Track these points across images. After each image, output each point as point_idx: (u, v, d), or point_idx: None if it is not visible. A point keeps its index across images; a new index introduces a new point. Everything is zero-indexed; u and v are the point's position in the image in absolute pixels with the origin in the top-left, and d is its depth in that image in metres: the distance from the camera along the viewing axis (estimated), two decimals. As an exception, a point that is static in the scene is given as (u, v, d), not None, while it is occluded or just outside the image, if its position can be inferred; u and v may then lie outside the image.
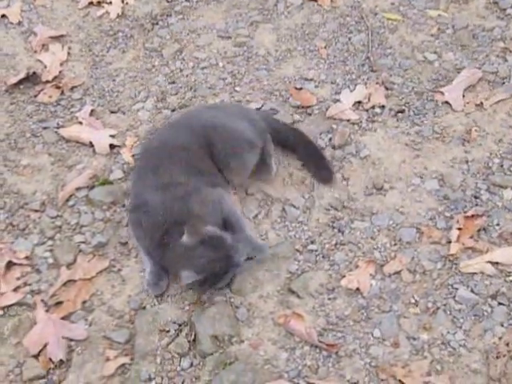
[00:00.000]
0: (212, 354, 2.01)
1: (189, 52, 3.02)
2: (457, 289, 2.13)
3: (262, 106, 2.74)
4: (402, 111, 2.70)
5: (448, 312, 2.08)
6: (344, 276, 2.19)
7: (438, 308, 2.10)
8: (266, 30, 3.09)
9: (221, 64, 2.95)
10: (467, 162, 2.50)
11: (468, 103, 2.71)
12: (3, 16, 3.21)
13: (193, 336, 2.05)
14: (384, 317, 2.09)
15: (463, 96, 2.72)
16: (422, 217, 2.35)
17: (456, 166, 2.49)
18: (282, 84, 2.85)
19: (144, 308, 2.14)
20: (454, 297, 2.12)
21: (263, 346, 2.04)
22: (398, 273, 2.20)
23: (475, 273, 2.17)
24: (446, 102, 2.71)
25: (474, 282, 2.15)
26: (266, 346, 2.04)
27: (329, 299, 2.14)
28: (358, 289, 2.16)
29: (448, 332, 2.04)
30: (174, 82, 2.88)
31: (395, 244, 2.28)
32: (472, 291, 2.12)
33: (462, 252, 2.22)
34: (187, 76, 2.91)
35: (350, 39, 3.02)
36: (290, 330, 2.06)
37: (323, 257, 2.26)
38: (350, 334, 2.06)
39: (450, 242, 2.25)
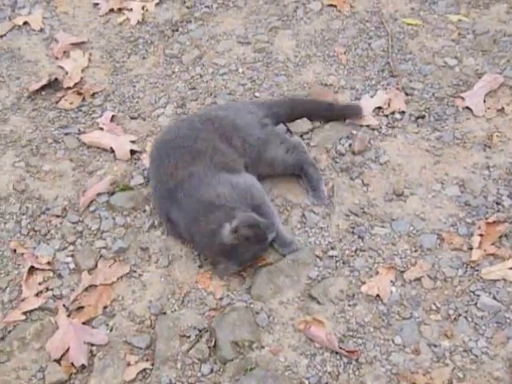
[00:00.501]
0: (232, 360, 2.02)
1: (208, 58, 3.03)
2: (479, 296, 2.12)
3: (282, 111, 2.74)
4: (423, 117, 2.69)
5: (470, 319, 2.07)
6: (364, 282, 2.19)
7: (459, 315, 2.08)
8: (286, 36, 3.10)
9: (240, 70, 2.96)
10: (488, 167, 2.48)
11: (489, 108, 2.69)
12: (25, 23, 3.26)
13: (213, 342, 2.06)
14: (405, 323, 2.08)
15: (484, 101, 2.71)
16: (442, 223, 2.33)
17: (477, 171, 2.47)
18: (301, 90, 2.85)
19: (164, 313, 2.15)
20: (476, 304, 2.10)
21: (283, 352, 2.03)
22: (418, 279, 2.18)
23: (497, 279, 2.15)
24: (467, 108, 2.70)
25: (496, 289, 2.13)
26: (287, 352, 2.04)
27: (349, 305, 2.14)
28: (378, 295, 2.15)
29: (470, 339, 2.02)
30: (193, 88, 2.89)
31: (416, 250, 2.27)
32: (494, 298, 2.11)
33: (483, 258, 2.21)
34: (207, 82, 2.92)
35: (369, 45, 3.01)
36: (311, 336, 2.06)
37: (343, 263, 2.25)
38: (371, 340, 2.05)
39: (471, 248, 2.24)
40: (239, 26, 3.18)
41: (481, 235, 2.25)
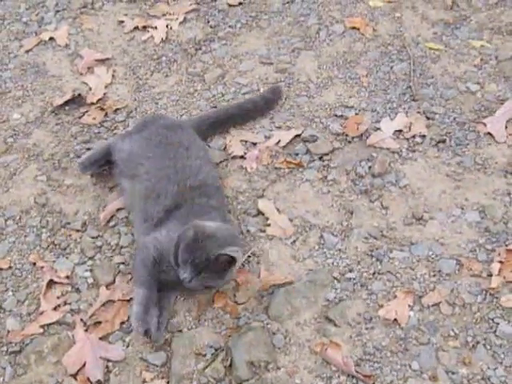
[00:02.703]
0: (248, 380, 2.01)
1: (231, 77, 3.05)
2: (498, 323, 2.10)
3: (302, 132, 2.75)
4: (443, 141, 2.69)
5: (488, 347, 2.05)
6: (382, 306, 2.18)
7: (477, 342, 2.06)
8: (308, 57, 3.12)
9: (262, 90, 2.97)
10: (509, 194, 2.47)
11: (510, 135, 2.68)
12: (51, 39, 3.30)
13: (229, 361, 2.05)
14: (422, 349, 2.06)
15: (506, 127, 2.70)
16: (462, 248, 2.32)
17: (498, 198, 2.46)
18: (322, 111, 2.86)
19: (181, 331, 2.15)
20: (495, 331, 2.08)
21: (299, 373, 2.03)
22: (436, 305, 2.17)
23: (517, 307, 2.14)
24: (489, 133, 2.69)
25: (515, 317, 2.12)
26: (303, 374, 2.03)
27: (366, 329, 2.13)
28: (395, 319, 2.14)
29: (488, 367, 2.00)
30: (215, 107, 2.91)
31: (434, 275, 2.25)
32: (513, 326, 2.09)
33: (503, 286, 2.19)
34: (228, 101, 2.94)
35: (391, 68, 3.03)
36: (327, 359, 2.05)
37: (361, 285, 2.24)
38: (387, 365, 2.03)
39: (490, 275, 2.22)
40: (262, 46, 3.20)
41: (501, 262, 2.24)
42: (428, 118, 2.78)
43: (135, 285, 2.19)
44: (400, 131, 2.74)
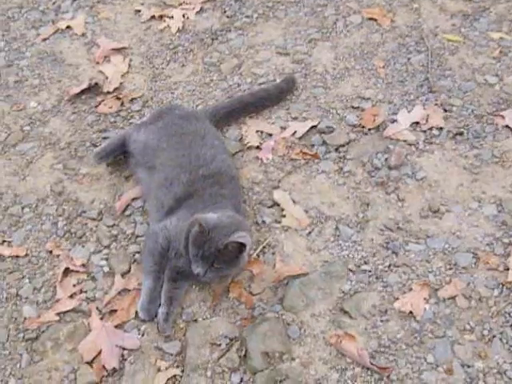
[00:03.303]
0: (262, 370, 2.01)
1: (247, 67, 3.05)
2: (514, 317, 2.09)
3: (319, 123, 2.74)
4: (461, 134, 2.67)
5: (504, 341, 2.04)
6: (397, 298, 2.17)
7: (494, 336, 2.05)
8: (325, 48, 3.10)
9: (278, 80, 2.96)
10: (527, 187, 2.46)
11: (529, 128, 2.66)
12: (68, 27, 3.31)
13: (244, 351, 2.06)
14: (438, 342, 2.05)
15: (524, 120, 2.68)
16: (478, 242, 2.31)
17: (515, 191, 2.45)
18: (338, 102, 2.85)
19: (196, 321, 2.16)
20: (511, 325, 2.07)
21: (314, 365, 2.02)
22: (452, 298, 2.16)
23: (533, 302, 2.13)
24: (507, 126, 2.67)
25: (531, 311, 2.10)
26: (317, 365, 2.03)
27: (381, 321, 2.12)
28: (411, 312, 2.13)
29: (504, 361, 1.99)
30: (231, 97, 2.90)
31: (450, 268, 2.24)
32: (530, 321, 2.08)
33: (520, 280, 2.18)
34: (245, 91, 2.93)
35: (409, 59, 3.00)
36: (342, 351, 2.05)
37: (376, 278, 2.24)
38: (403, 357, 2.03)
39: (507, 269, 2.21)
40: (279, 36, 3.19)
41: (518, 256, 2.23)
42: (445, 111, 2.76)
43: (143, 274, 2.23)
44: (417, 123, 2.72)
